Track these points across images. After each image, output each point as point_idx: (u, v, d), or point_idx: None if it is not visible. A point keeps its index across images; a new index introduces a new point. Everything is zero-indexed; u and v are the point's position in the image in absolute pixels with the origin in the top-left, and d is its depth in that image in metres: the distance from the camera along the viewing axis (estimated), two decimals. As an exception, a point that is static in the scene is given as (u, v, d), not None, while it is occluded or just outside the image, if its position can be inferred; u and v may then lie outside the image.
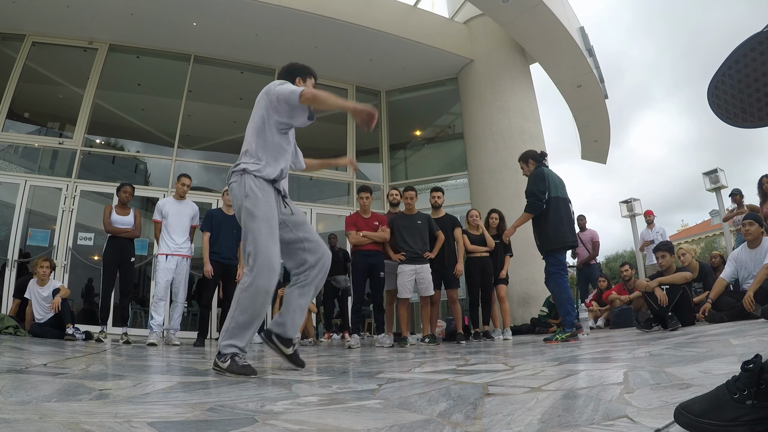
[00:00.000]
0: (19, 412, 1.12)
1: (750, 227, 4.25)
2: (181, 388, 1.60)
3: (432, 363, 2.52)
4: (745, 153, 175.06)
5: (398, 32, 8.37)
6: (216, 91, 9.32)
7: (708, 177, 8.92)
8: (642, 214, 8.94)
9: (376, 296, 4.83)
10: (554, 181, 4.23)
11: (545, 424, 0.94)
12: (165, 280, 4.85)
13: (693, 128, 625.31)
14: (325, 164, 3.14)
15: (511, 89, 8.84)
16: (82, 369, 2.15)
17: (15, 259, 6.63)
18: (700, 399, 0.86)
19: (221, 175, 8.91)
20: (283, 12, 7.58)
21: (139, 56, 8.48)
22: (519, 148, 8.47)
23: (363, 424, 1.01)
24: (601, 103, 9.74)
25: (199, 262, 5.31)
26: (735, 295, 4.20)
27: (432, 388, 1.49)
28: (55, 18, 7.49)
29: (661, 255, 4.43)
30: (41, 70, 8.06)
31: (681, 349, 2.16)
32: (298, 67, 2.62)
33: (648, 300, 4.22)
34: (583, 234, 7.48)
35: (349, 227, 4.77)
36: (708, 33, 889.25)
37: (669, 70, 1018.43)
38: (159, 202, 5.26)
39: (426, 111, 10.56)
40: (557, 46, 8.36)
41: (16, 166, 7.60)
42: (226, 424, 1.02)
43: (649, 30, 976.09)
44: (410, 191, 4.98)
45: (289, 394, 1.49)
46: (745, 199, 6.80)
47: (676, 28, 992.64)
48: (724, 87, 0.84)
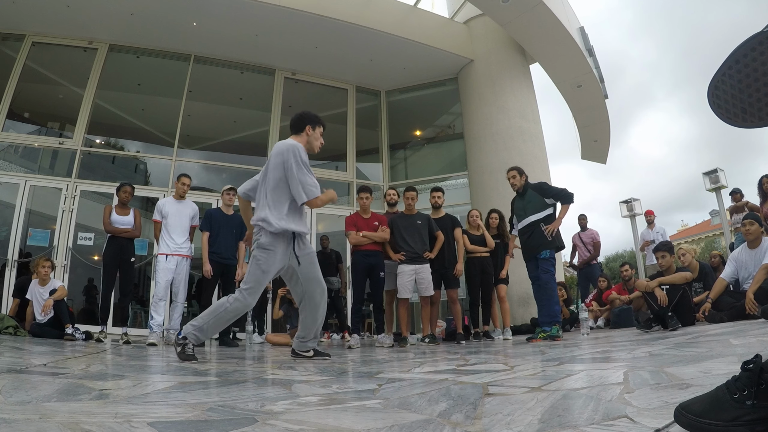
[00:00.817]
0: (19, 412, 1.12)
1: (750, 227, 4.25)
2: (181, 388, 1.60)
3: (432, 363, 2.52)
4: (746, 153, 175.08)
5: (398, 32, 8.37)
6: (216, 91, 9.32)
7: (708, 177, 8.92)
8: (642, 214, 8.94)
9: (376, 296, 4.83)
10: None
11: (545, 424, 0.94)
12: (165, 280, 4.85)
13: (694, 128, 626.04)
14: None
15: (511, 89, 8.85)
16: (82, 369, 2.15)
17: (15, 259, 6.63)
18: (700, 399, 0.85)
19: (221, 175, 8.91)
20: (283, 12, 7.58)
21: (139, 56, 8.48)
22: (519, 148, 8.52)
23: (363, 424, 1.01)
24: (601, 103, 9.74)
25: (198, 262, 5.31)
26: (735, 295, 4.20)
27: (432, 388, 1.49)
28: (55, 18, 7.49)
29: (661, 255, 4.43)
30: (41, 70, 8.06)
31: (681, 349, 2.16)
32: (310, 117, 3.07)
33: (648, 300, 4.22)
34: (584, 234, 7.48)
35: (349, 227, 4.77)
36: (708, 32, 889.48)
37: (670, 70, 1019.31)
38: (159, 202, 5.26)
39: (426, 111, 10.56)
40: (557, 46, 8.37)
41: (16, 166, 7.60)
42: (226, 424, 1.02)
43: (650, 29, 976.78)
44: (411, 191, 4.98)
45: (289, 394, 1.49)
46: (744, 198, 6.80)
47: (676, 28, 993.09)
48: (724, 87, 0.84)
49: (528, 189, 4.70)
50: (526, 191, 4.70)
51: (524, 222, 4.62)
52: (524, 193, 4.71)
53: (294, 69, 9.06)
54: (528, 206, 4.63)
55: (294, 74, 9.13)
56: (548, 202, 4.57)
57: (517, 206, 4.81)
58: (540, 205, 4.57)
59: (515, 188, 4.77)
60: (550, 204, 4.58)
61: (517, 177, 4.73)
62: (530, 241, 4.51)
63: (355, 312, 4.86)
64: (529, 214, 4.59)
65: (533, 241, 4.48)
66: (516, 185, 4.74)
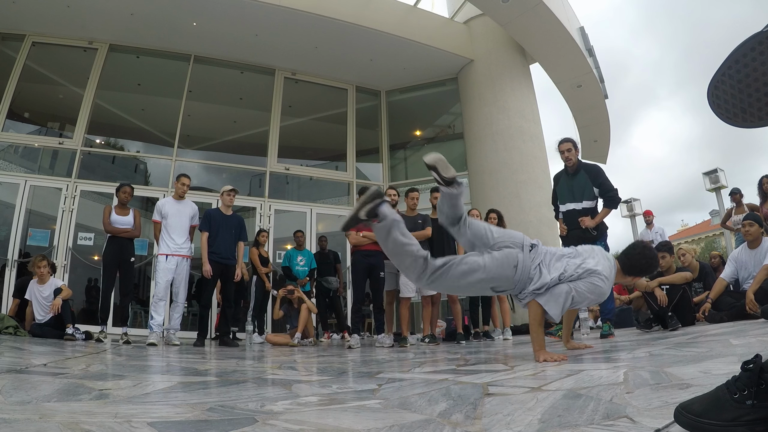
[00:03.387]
0: (19, 412, 1.12)
1: (750, 228, 4.25)
2: (181, 388, 1.60)
3: (432, 363, 2.52)
4: (749, 152, 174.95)
5: (398, 32, 8.37)
6: (216, 91, 9.32)
7: (708, 177, 8.93)
8: (642, 214, 8.93)
9: (376, 296, 4.83)
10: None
11: (545, 424, 0.94)
12: (165, 280, 4.85)
13: (696, 127, 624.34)
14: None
15: (511, 89, 8.85)
16: (82, 369, 2.15)
17: (15, 259, 6.63)
18: (700, 399, 0.85)
19: (221, 175, 8.91)
20: (283, 12, 7.58)
21: (139, 56, 8.48)
22: (519, 148, 8.52)
23: (363, 424, 1.01)
24: (600, 103, 9.75)
25: (198, 262, 5.31)
26: (735, 296, 4.19)
27: (432, 388, 1.49)
28: (55, 18, 7.49)
29: (661, 256, 4.41)
30: (41, 70, 8.06)
31: (681, 349, 2.16)
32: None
33: (648, 300, 4.22)
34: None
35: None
36: (711, 31, 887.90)
37: (672, 68, 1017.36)
38: (158, 203, 5.26)
39: (426, 111, 10.56)
40: (557, 46, 8.37)
41: (16, 166, 7.60)
42: (226, 424, 1.02)
43: (653, 28, 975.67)
44: (415, 192, 4.97)
45: (289, 394, 1.49)
46: (744, 199, 6.79)
47: (679, 26, 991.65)
48: (724, 87, 0.84)
49: (581, 169, 4.13)
50: (578, 171, 4.13)
51: (572, 206, 4.09)
52: (576, 172, 4.14)
53: (294, 69, 9.06)
54: (576, 189, 4.09)
55: (294, 74, 9.13)
56: (595, 192, 4.06)
57: (563, 185, 4.23)
58: (589, 193, 4.04)
59: (570, 164, 4.15)
60: (595, 195, 4.06)
61: (573, 151, 4.11)
62: (586, 233, 3.96)
63: (355, 312, 4.86)
64: (577, 198, 4.06)
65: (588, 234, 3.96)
66: (572, 160, 4.13)
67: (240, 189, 5.39)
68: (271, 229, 7.95)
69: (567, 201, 4.18)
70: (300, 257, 6.40)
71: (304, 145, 10.28)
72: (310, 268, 6.43)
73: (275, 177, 8.68)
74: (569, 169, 4.17)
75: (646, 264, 2.47)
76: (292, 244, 7.12)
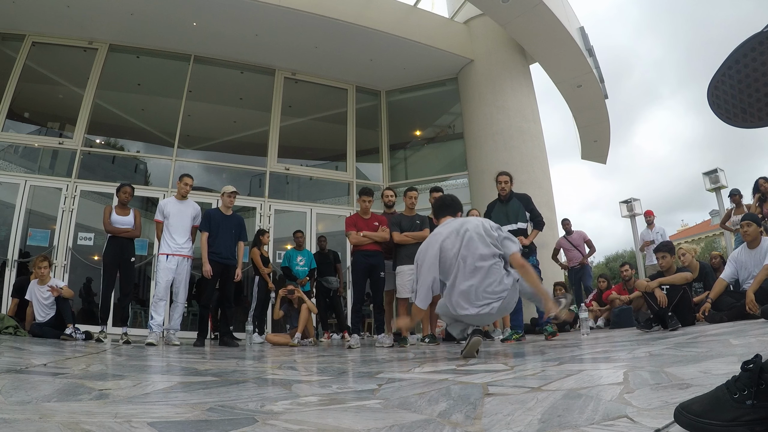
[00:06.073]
0: (19, 412, 1.12)
1: (748, 228, 4.25)
2: (181, 388, 1.60)
3: (432, 363, 2.52)
4: (750, 152, 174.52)
5: (398, 32, 8.37)
6: (216, 91, 9.33)
7: (708, 177, 8.92)
8: (642, 214, 8.93)
9: (376, 296, 4.83)
10: None
11: (545, 424, 0.94)
12: (165, 280, 4.85)
13: (698, 126, 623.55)
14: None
15: (511, 89, 8.85)
16: (82, 369, 2.15)
17: (15, 259, 6.63)
18: (700, 399, 0.85)
19: (221, 175, 8.92)
20: (283, 12, 7.58)
21: (139, 56, 8.48)
22: (519, 148, 8.52)
23: (363, 424, 1.01)
24: (601, 103, 9.75)
25: (198, 263, 5.31)
26: (735, 296, 4.19)
27: (432, 388, 1.49)
28: (55, 18, 7.49)
29: (662, 256, 4.42)
30: (41, 70, 8.07)
31: (681, 349, 2.16)
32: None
33: (648, 300, 4.22)
34: (573, 237, 7.41)
35: (349, 228, 4.78)
36: (714, 29, 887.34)
37: (675, 67, 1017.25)
38: (161, 202, 5.26)
39: (426, 111, 10.57)
40: (557, 46, 8.37)
41: (16, 166, 7.60)
42: (226, 424, 1.02)
43: (656, 26, 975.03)
44: (413, 191, 4.98)
45: (289, 394, 1.49)
46: (744, 200, 6.79)
47: (681, 25, 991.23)
48: (724, 87, 0.84)
49: (513, 197, 4.82)
50: (510, 198, 4.82)
51: (507, 227, 4.63)
52: (509, 200, 4.82)
53: (294, 69, 9.06)
54: (511, 214, 4.74)
55: (294, 74, 9.13)
56: (526, 216, 4.74)
57: (498, 211, 4.86)
58: (522, 216, 4.72)
59: (504, 194, 4.82)
60: (527, 219, 4.75)
61: (509, 183, 4.81)
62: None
63: (355, 312, 4.86)
64: (512, 220, 4.70)
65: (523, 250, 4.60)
66: (506, 191, 4.80)
67: (240, 189, 5.40)
68: (271, 229, 7.95)
69: (503, 224, 4.66)
70: (299, 257, 6.40)
71: (304, 145, 10.29)
72: (310, 268, 6.43)
73: (275, 177, 8.68)
74: (502, 197, 4.86)
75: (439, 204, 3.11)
76: (291, 244, 7.12)
